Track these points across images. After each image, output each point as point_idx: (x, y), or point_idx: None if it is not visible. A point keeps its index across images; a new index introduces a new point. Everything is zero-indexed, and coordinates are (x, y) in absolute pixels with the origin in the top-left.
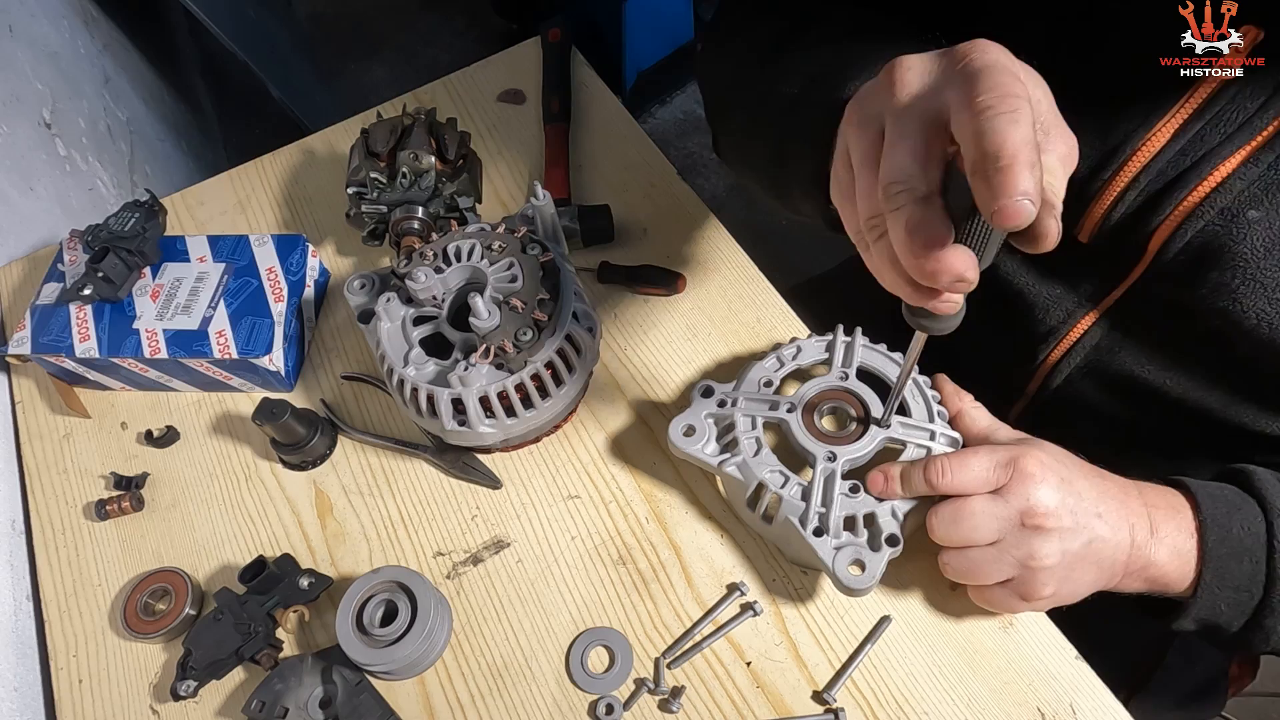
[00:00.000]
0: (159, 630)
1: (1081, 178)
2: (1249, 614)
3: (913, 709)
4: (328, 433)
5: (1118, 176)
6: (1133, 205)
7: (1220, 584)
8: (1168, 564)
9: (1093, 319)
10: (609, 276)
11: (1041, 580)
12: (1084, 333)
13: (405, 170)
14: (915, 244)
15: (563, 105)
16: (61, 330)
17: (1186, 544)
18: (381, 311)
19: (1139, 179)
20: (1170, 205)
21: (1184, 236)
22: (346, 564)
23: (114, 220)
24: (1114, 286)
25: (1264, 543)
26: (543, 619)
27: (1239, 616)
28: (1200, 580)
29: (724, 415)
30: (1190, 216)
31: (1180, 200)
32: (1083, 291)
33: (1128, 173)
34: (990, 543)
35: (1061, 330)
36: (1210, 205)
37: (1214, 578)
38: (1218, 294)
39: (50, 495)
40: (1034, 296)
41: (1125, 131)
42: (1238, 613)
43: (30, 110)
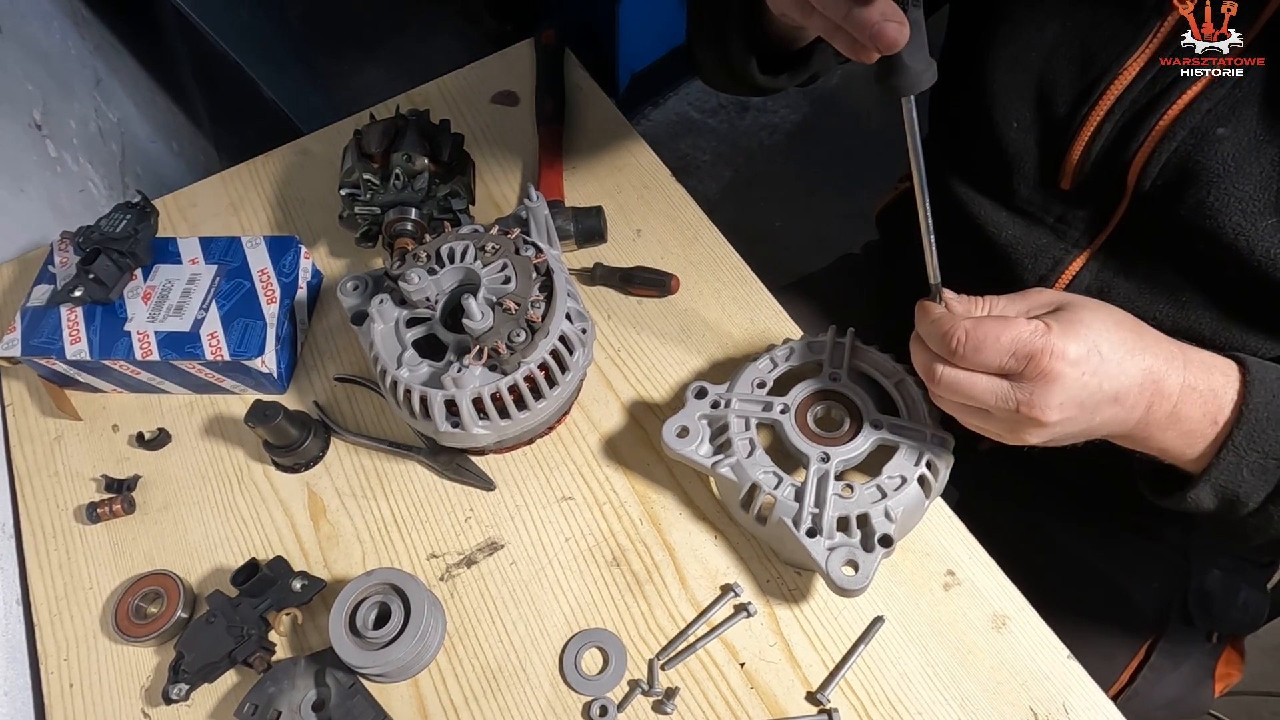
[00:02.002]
0: (151, 633)
1: (1062, 115)
2: (1273, 485)
3: (906, 709)
4: (320, 435)
5: (1095, 108)
6: (1110, 137)
7: (1250, 446)
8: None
9: (1082, 261)
10: (602, 278)
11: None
12: (1074, 275)
13: (399, 172)
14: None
15: (556, 107)
16: (52, 332)
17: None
18: (375, 313)
19: (1114, 110)
20: (1145, 132)
21: (1159, 160)
22: (340, 566)
23: (105, 222)
24: (1101, 228)
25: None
26: (537, 621)
27: (1261, 487)
28: (1229, 440)
29: (717, 416)
30: (1164, 139)
31: (1154, 125)
32: (1070, 237)
33: (1104, 104)
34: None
35: (1052, 277)
36: (1181, 126)
37: (1245, 439)
38: (1197, 214)
39: (41, 498)
40: (1023, 247)
41: (1103, 64)
42: (1261, 482)
43: (21, 111)
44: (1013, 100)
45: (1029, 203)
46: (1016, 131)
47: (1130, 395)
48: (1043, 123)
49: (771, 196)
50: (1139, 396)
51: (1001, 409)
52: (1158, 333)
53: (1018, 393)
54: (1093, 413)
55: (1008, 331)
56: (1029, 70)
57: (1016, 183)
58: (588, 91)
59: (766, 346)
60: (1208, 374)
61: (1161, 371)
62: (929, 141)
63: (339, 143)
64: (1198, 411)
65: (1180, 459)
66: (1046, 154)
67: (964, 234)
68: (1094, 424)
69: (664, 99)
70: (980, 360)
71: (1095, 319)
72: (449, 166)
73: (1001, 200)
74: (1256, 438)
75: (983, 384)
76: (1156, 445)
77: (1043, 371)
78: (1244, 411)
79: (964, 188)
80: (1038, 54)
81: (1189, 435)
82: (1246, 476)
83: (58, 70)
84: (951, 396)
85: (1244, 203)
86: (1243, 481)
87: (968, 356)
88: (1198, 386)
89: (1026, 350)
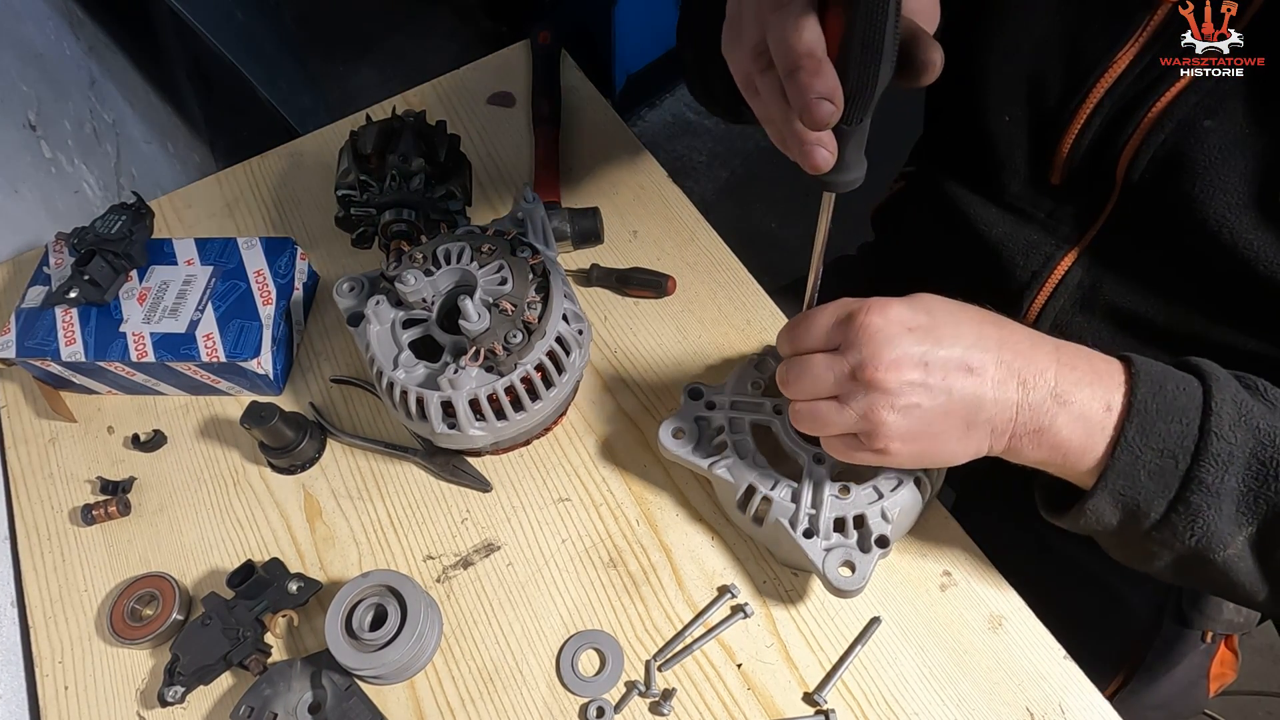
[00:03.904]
0: (146, 636)
1: (1052, 109)
2: (1174, 489)
3: (903, 709)
4: (316, 436)
5: (1085, 102)
6: (1099, 130)
7: (1144, 443)
8: (1070, 430)
9: (1073, 258)
10: (599, 279)
11: (884, 435)
12: (1065, 272)
13: (394, 173)
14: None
15: (552, 108)
16: (47, 334)
17: (1099, 412)
18: (371, 314)
19: (1103, 103)
20: (1133, 124)
21: (1148, 153)
22: (336, 568)
23: (100, 223)
24: (1090, 223)
25: (1199, 404)
26: (533, 622)
27: (1161, 493)
28: (1121, 437)
29: (714, 417)
30: (1152, 131)
31: (1142, 117)
32: (1060, 233)
33: (1093, 97)
34: (831, 396)
35: (1044, 273)
36: (1169, 118)
37: (1138, 434)
38: (1184, 207)
39: (36, 500)
40: (1014, 244)
41: (1093, 58)
42: (1160, 486)
43: (15, 112)
44: (1003, 94)
45: (1019, 198)
46: (1007, 126)
47: (986, 366)
48: (1033, 117)
49: (767, 198)
50: (999, 370)
51: (841, 383)
52: (1022, 325)
53: (849, 357)
54: (945, 381)
55: (833, 303)
56: (1019, 64)
57: (1007, 179)
58: (584, 93)
59: (763, 347)
60: (1087, 358)
61: (1022, 347)
62: (923, 141)
63: (335, 144)
64: (1085, 394)
65: (1080, 462)
66: (1036, 148)
67: (956, 232)
68: (957, 402)
69: (660, 100)
70: (810, 334)
71: (933, 297)
72: (445, 168)
73: (992, 197)
74: (1149, 430)
75: (819, 360)
76: (1052, 439)
77: (860, 325)
78: (1133, 400)
79: (955, 186)
80: (1028, 48)
81: (1084, 421)
82: (1145, 481)
83: (52, 71)
84: (797, 384)
85: (1229, 195)
86: (1142, 486)
87: (802, 335)
88: (1077, 367)
89: (845, 310)
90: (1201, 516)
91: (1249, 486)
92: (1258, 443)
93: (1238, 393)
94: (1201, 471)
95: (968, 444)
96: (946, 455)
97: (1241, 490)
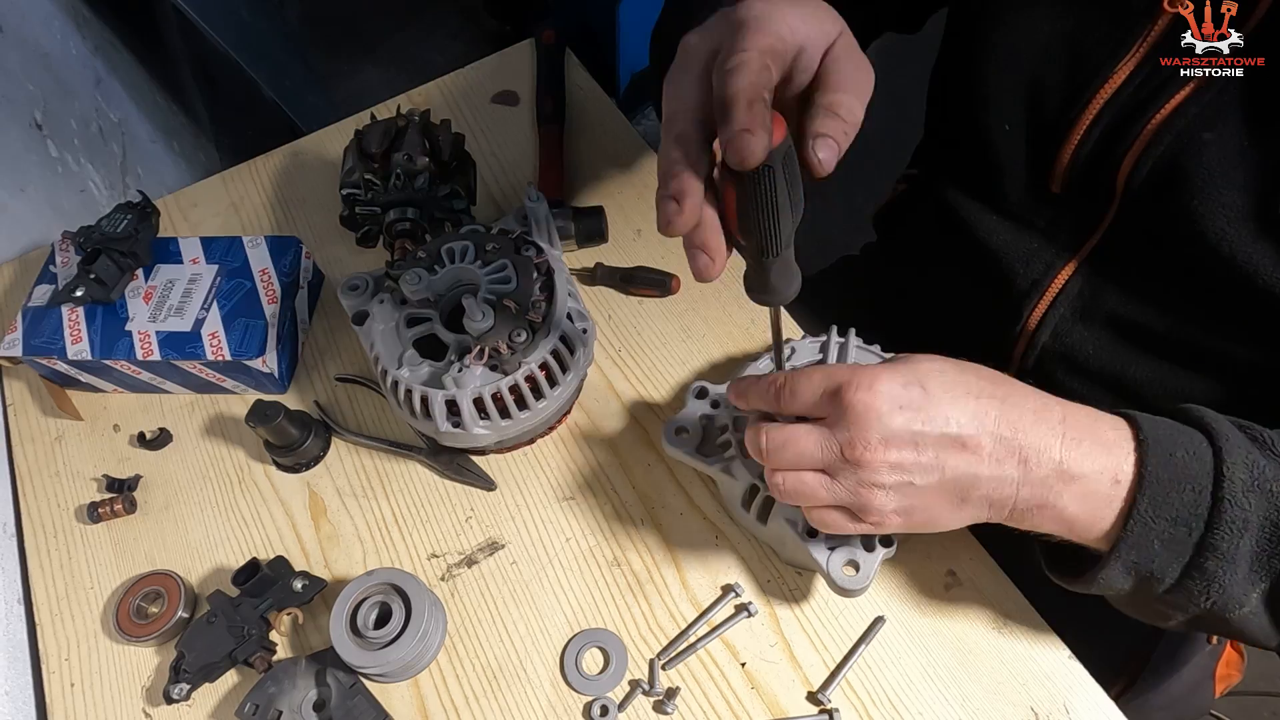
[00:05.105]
0: (152, 633)
1: (1052, 117)
2: (1188, 556)
3: (907, 709)
4: (321, 435)
5: (1086, 111)
6: (1098, 140)
7: (1156, 514)
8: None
9: (1072, 268)
10: (603, 278)
11: (876, 511)
12: (1066, 281)
13: (399, 172)
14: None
15: (556, 107)
16: (53, 332)
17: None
18: (375, 313)
19: (1103, 113)
20: (1133, 135)
21: (1147, 163)
22: (340, 566)
23: (106, 222)
24: (1090, 232)
25: (1210, 470)
26: (537, 620)
27: (1175, 560)
28: (1133, 510)
29: (718, 416)
30: (1151, 142)
31: (1141, 128)
32: (1060, 242)
33: (1094, 107)
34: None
35: (1044, 282)
36: (1168, 130)
37: (1150, 506)
38: (1183, 219)
39: (42, 498)
40: (1014, 252)
41: (1093, 67)
42: (1174, 555)
43: (21, 112)
44: (1004, 102)
45: (1019, 206)
46: (1008, 134)
47: (981, 441)
48: (1033, 125)
49: None
50: (996, 446)
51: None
52: (1025, 386)
53: (838, 434)
54: (938, 459)
55: (821, 369)
56: (1020, 72)
57: (1007, 186)
58: (588, 91)
59: (767, 346)
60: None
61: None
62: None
63: (339, 143)
64: (1091, 465)
65: (1087, 532)
66: (1037, 157)
67: (957, 241)
68: (950, 480)
69: None
70: (798, 401)
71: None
72: (449, 166)
73: (992, 205)
74: (1161, 501)
75: (804, 433)
76: (1058, 514)
77: (849, 404)
78: (1144, 474)
79: (955, 192)
80: (1029, 56)
81: (1089, 498)
82: (1159, 550)
83: (58, 70)
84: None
85: (1227, 208)
86: (1155, 555)
87: (787, 400)
88: (1083, 440)
89: (834, 382)
90: (1217, 581)
91: (1262, 548)
92: (1270, 506)
93: (1249, 454)
94: (1216, 539)
95: (963, 515)
96: (943, 525)
97: (1255, 552)
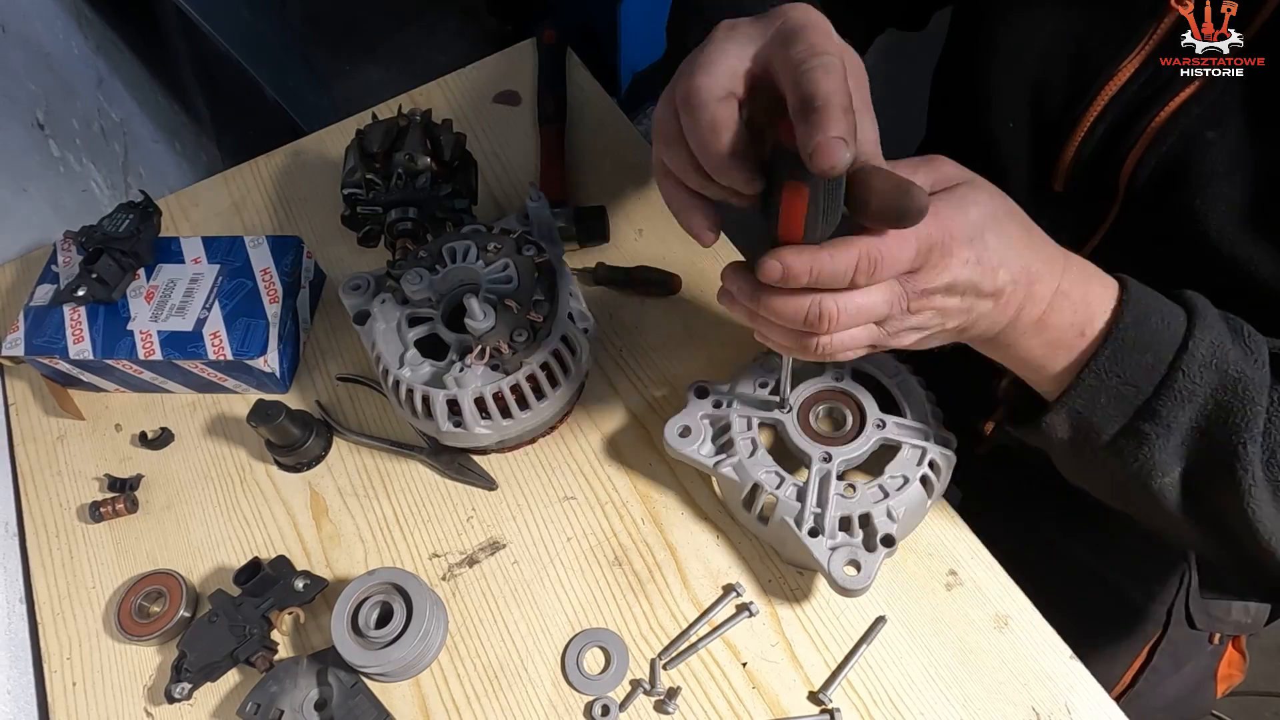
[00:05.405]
0: (153, 633)
1: (1056, 115)
2: (1129, 414)
3: (908, 709)
4: (323, 434)
5: (1090, 109)
6: (1102, 138)
7: (1111, 370)
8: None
9: None
10: (605, 277)
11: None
12: None
13: (400, 171)
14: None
15: (558, 106)
16: (55, 332)
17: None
18: (377, 312)
19: (1107, 111)
20: (1137, 133)
21: (1150, 161)
22: (342, 566)
23: (108, 221)
24: (1093, 232)
25: (1178, 341)
26: (538, 620)
27: (1116, 418)
28: (1092, 361)
29: (719, 416)
30: (1155, 140)
31: (1145, 126)
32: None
33: (1098, 105)
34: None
35: None
36: (1172, 128)
37: (1109, 361)
38: (1185, 218)
39: (44, 497)
40: None
41: (1098, 65)
42: (1116, 412)
43: (23, 111)
44: (1008, 101)
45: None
46: (1011, 132)
47: (1005, 292)
48: (1037, 123)
49: None
50: (1013, 294)
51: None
52: (1044, 233)
53: (908, 288)
54: (974, 306)
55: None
56: (1024, 70)
57: (1010, 186)
58: (589, 91)
59: None
60: (1084, 283)
61: (1040, 272)
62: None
63: (341, 142)
64: (1066, 319)
65: (1040, 373)
66: (1040, 155)
67: None
68: (970, 322)
69: None
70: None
71: (989, 204)
72: (451, 166)
73: None
74: (1121, 359)
75: (876, 294)
76: (1019, 353)
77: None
78: (1114, 329)
79: None
80: (1033, 54)
81: (1053, 345)
82: (1104, 403)
83: (60, 70)
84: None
85: (1229, 207)
86: (1098, 409)
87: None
88: (1071, 294)
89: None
90: (1148, 444)
91: (1197, 424)
92: (1220, 385)
93: (1219, 335)
94: (1159, 404)
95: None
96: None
97: (1190, 426)
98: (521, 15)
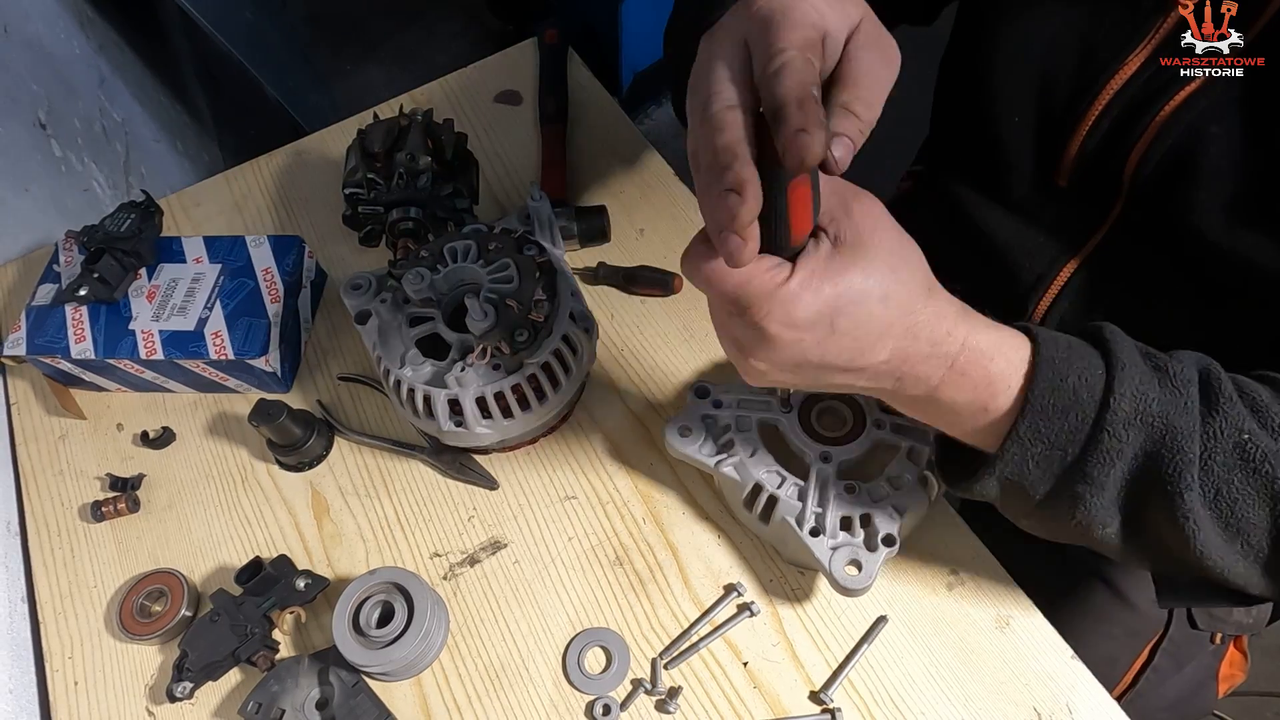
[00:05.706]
0: (155, 632)
1: (1061, 110)
2: (1057, 477)
3: (909, 709)
4: (324, 434)
5: (1095, 104)
6: (1106, 133)
7: (1035, 437)
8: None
9: (1078, 262)
10: (605, 277)
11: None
12: (1070, 276)
13: (402, 171)
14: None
15: (559, 106)
16: (57, 331)
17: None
18: (378, 312)
19: (1112, 105)
20: (1142, 127)
21: (1154, 156)
22: (343, 565)
23: (110, 221)
24: (1095, 228)
25: (1098, 397)
26: (540, 620)
27: (1045, 480)
28: (1013, 432)
29: (720, 416)
30: (1160, 134)
31: (1150, 120)
32: (1065, 237)
33: (1103, 99)
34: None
35: (1049, 276)
36: (1177, 121)
37: (1029, 429)
38: (1187, 213)
39: (46, 497)
40: (1019, 247)
41: (1104, 59)
42: (1046, 474)
43: (25, 111)
44: (1013, 95)
45: (1025, 201)
46: (1016, 127)
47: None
48: (1042, 117)
49: None
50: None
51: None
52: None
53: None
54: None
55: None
56: (1030, 65)
57: (1014, 180)
58: (590, 91)
59: None
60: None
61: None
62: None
63: (342, 142)
64: (965, 397)
65: (964, 436)
66: (1044, 150)
67: (961, 235)
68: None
69: (667, 98)
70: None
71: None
72: (452, 166)
73: (998, 199)
74: (1041, 426)
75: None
76: (930, 420)
77: (755, 323)
78: (1029, 396)
79: (962, 187)
80: (1039, 49)
81: (957, 418)
82: (1031, 468)
83: (62, 70)
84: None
85: (1230, 203)
86: (1026, 474)
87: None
88: (969, 372)
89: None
90: (1083, 503)
91: (1129, 478)
92: (1148, 437)
93: (1141, 384)
94: (1088, 465)
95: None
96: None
97: (1125, 480)
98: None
